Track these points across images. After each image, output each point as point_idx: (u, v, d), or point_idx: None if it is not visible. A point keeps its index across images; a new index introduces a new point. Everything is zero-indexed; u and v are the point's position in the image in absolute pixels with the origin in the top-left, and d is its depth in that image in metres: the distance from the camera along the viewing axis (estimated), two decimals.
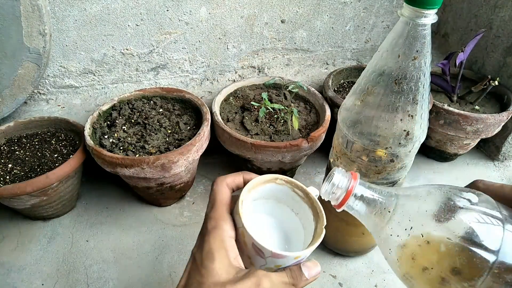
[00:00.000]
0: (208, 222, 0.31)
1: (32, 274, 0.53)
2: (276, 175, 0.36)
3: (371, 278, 0.54)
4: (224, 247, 0.29)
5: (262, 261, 0.31)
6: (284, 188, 0.36)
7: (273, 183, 0.36)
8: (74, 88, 0.67)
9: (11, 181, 0.54)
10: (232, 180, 0.35)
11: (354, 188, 0.32)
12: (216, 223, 0.31)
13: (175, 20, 0.64)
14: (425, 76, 0.38)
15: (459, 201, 0.29)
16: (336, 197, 0.33)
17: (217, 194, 0.33)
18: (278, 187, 0.36)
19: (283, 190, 0.36)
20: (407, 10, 0.35)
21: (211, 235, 0.30)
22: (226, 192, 0.34)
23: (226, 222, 0.31)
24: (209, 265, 0.28)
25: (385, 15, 0.80)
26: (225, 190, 0.34)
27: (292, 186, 0.36)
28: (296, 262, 0.32)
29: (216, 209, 0.32)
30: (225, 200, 0.33)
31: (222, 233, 0.30)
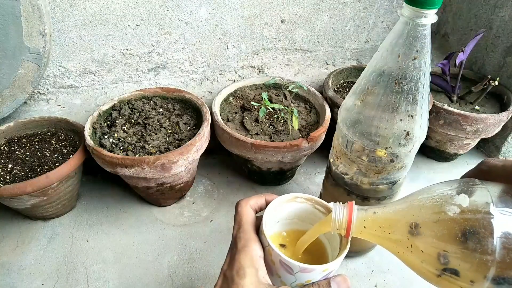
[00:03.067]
0: (237, 242, 0.33)
1: (32, 274, 0.53)
2: (296, 194, 0.37)
3: (371, 278, 0.54)
4: (254, 266, 0.31)
5: (291, 278, 0.32)
6: (304, 205, 0.37)
7: (293, 202, 0.37)
8: (74, 88, 0.67)
9: (11, 181, 0.54)
10: (255, 202, 0.36)
11: (352, 217, 0.33)
12: (246, 243, 0.32)
13: (175, 20, 0.64)
14: (425, 76, 0.38)
15: (449, 210, 0.28)
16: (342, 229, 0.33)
17: (242, 216, 0.35)
18: (299, 205, 0.37)
19: (304, 208, 0.37)
20: (407, 10, 0.35)
21: (241, 254, 0.31)
22: (251, 213, 0.35)
23: (255, 242, 0.32)
24: (240, 282, 0.30)
25: (385, 15, 0.80)
26: (249, 212, 0.35)
27: (313, 203, 0.37)
28: (325, 275, 0.32)
29: (244, 230, 0.33)
30: (251, 221, 0.34)
31: (252, 252, 0.31)
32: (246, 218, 0.34)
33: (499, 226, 0.26)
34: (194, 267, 0.55)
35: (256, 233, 0.34)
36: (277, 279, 0.33)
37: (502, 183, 0.29)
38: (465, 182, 0.30)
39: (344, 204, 0.34)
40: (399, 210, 0.32)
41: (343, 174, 0.47)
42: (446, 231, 0.27)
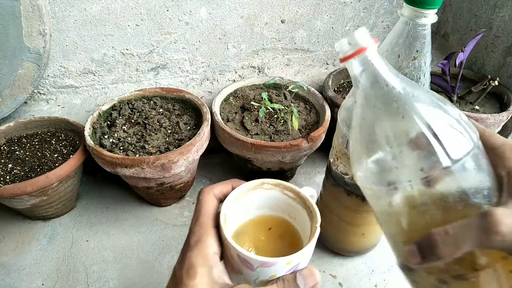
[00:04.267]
0: (191, 237, 0.29)
1: (32, 274, 0.53)
2: (262, 179, 0.33)
3: (371, 278, 0.54)
4: (207, 263, 0.27)
5: (253, 275, 0.29)
6: (273, 192, 0.34)
7: (260, 189, 0.34)
8: (74, 88, 0.67)
9: (11, 181, 0.54)
10: (219, 190, 0.33)
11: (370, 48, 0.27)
12: (199, 238, 0.29)
13: (175, 20, 0.64)
14: (425, 76, 0.38)
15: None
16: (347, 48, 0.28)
17: (202, 206, 0.31)
18: (267, 192, 0.34)
19: (273, 195, 0.34)
20: (407, 10, 0.35)
21: (193, 251, 0.28)
22: (213, 203, 0.32)
23: (210, 236, 0.29)
24: (189, 283, 0.26)
25: (385, 15, 0.80)
26: (211, 201, 0.32)
27: (281, 189, 0.34)
28: (290, 269, 0.29)
29: (200, 222, 0.30)
30: (211, 212, 0.31)
31: (205, 249, 0.28)
32: (205, 208, 0.31)
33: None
34: None
35: (215, 226, 0.31)
36: (239, 276, 0.30)
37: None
38: None
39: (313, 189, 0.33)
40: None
41: (343, 174, 0.47)
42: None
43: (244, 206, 0.34)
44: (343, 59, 0.28)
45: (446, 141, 0.26)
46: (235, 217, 0.34)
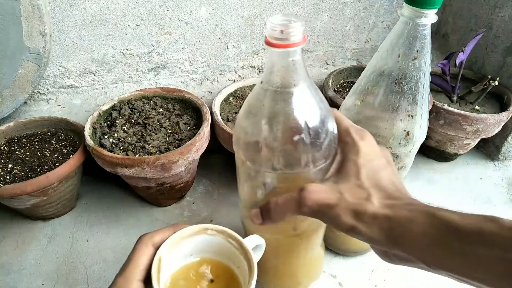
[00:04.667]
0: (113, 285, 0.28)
1: (32, 274, 0.53)
2: (206, 225, 0.33)
3: (371, 278, 0.54)
4: None
5: None
6: (217, 239, 0.33)
7: (204, 235, 0.33)
8: (74, 88, 0.67)
9: (11, 181, 0.54)
10: (160, 238, 0.31)
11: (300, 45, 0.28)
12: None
13: (175, 20, 0.64)
14: (425, 76, 0.38)
15: None
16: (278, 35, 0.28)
17: (133, 255, 0.29)
18: (211, 238, 0.33)
19: (217, 242, 0.33)
20: (407, 10, 0.35)
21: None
22: (148, 253, 0.30)
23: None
24: None
25: (385, 15, 0.80)
26: (146, 251, 0.30)
27: (225, 236, 0.33)
28: None
29: (125, 274, 0.28)
30: (142, 263, 0.29)
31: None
32: (136, 259, 0.29)
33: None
34: None
35: (143, 280, 0.29)
36: None
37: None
38: None
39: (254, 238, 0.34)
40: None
41: None
42: None
43: (184, 250, 0.33)
44: (270, 43, 0.28)
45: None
46: (173, 260, 0.32)
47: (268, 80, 0.31)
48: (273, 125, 0.31)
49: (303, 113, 0.31)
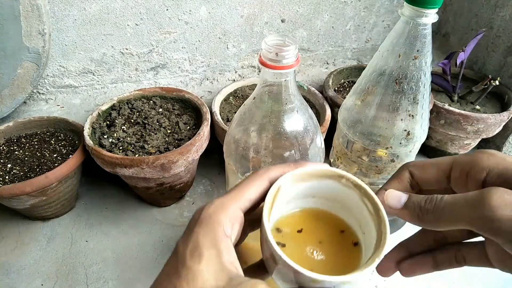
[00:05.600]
0: (202, 211, 0.23)
1: (31, 275, 0.53)
2: (341, 171, 0.27)
3: (371, 278, 0.54)
4: (216, 246, 0.22)
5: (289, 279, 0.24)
6: (350, 193, 0.27)
7: (335, 182, 0.27)
8: (74, 88, 0.66)
9: (11, 181, 0.54)
10: (280, 174, 0.26)
11: (293, 68, 0.29)
12: (212, 213, 0.23)
13: (174, 19, 0.64)
14: (426, 75, 0.38)
15: None
16: (273, 57, 0.28)
17: (241, 183, 0.25)
18: (343, 189, 0.27)
19: (348, 196, 0.27)
20: (408, 9, 0.35)
21: (202, 227, 0.22)
22: (260, 185, 0.25)
23: (226, 215, 0.23)
24: (194, 267, 0.21)
25: (386, 15, 0.80)
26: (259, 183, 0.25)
27: (362, 194, 0.27)
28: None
29: (222, 200, 0.24)
30: (248, 193, 0.24)
31: (216, 228, 0.22)
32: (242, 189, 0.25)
33: None
34: None
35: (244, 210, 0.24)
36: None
37: None
38: None
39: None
40: None
41: None
42: None
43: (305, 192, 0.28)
44: (265, 64, 0.29)
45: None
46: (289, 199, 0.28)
47: (261, 97, 0.31)
48: (263, 141, 0.32)
49: (293, 130, 0.31)
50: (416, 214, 0.24)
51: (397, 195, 0.26)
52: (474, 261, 0.27)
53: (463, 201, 0.22)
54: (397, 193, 0.26)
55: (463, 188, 0.25)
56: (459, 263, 0.28)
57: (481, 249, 0.27)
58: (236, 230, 0.24)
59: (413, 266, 0.29)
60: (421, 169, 0.27)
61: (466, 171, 0.25)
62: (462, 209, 0.22)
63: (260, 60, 0.29)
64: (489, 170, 0.24)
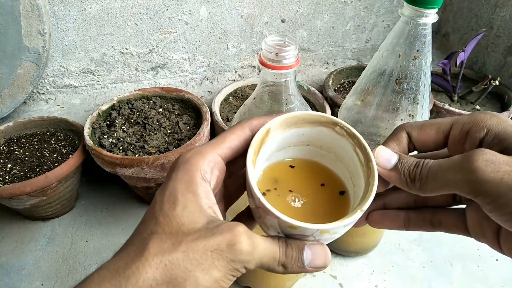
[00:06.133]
0: (182, 154, 0.23)
1: (31, 275, 0.53)
2: (334, 118, 0.26)
3: (371, 278, 0.54)
4: (193, 190, 0.21)
5: (271, 224, 0.23)
6: (343, 141, 0.26)
7: (328, 129, 0.26)
8: (74, 87, 0.66)
9: (11, 181, 0.54)
10: (261, 123, 0.25)
11: (292, 68, 0.28)
12: (191, 157, 0.22)
13: (174, 19, 0.64)
14: (426, 75, 0.38)
15: None
16: (273, 57, 0.27)
17: (221, 134, 0.24)
18: (336, 137, 0.26)
19: (341, 145, 0.26)
20: (408, 9, 0.35)
21: (179, 171, 0.22)
22: (242, 134, 0.24)
23: (204, 159, 0.22)
24: (171, 212, 0.21)
25: (386, 15, 0.80)
26: (240, 131, 0.24)
27: (354, 144, 0.25)
28: (319, 237, 0.23)
29: (200, 148, 0.23)
30: (229, 141, 0.24)
31: (192, 171, 0.22)
32: (224, 137, 0.24)
33: None
34: None
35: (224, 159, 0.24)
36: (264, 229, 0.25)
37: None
38: None
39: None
40: None
41: None
42: None
43: (294, 139, 0.27)
44: (265, 64, 0.29)
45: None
46: (276, 145, 0.26)
47: (261, 97, 0.31)
48: None
49: None
50: (404, 179, 0.24)
51: (387, 153, 0.25)
52: (450, 226, 0.27)
53: (448, 165, 0.22)
54: (388, 151, 0.25)
55: (459, 150, 0.24)
56: (433, 227, 0.27)
57: (459, 214, 0.26)
58: (216, 176, 0.23)
59: (383, 218, 0.28)
60: (419, 130, 0.26)
61: (466, 130, 0.24)
62: (447, 173, 0.22)
63: (260, 60, 0.29)
64: (489, 130, 0.23)
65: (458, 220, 0.26)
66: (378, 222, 0.28)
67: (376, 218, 0.28)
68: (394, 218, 0.28)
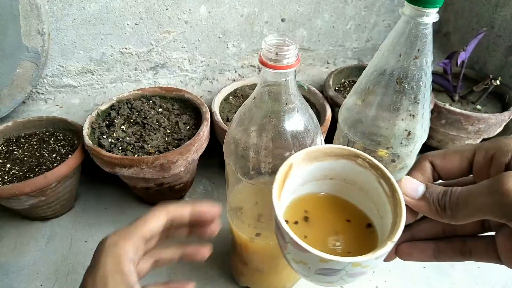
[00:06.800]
0: (109, 238, 0.26)
1: (30, 275, 0.53)
2: (356, 150, 0.26)
3: (372, 278, 0.54)
4: (121, 271, 0.24)
5: (299, 259, 0.23)
6: (366, 173, 0.26)
7: (350, 162, 0.27)
8: (73, 87, 0.66)
9: (10, 181, 0.53)
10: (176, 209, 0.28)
11: (293, 68, 0.28)
12: (118, 241, 0.25)
13: (174, 18, 0.64)
14: (427, 75, 0.37)
15: None
16: (273, 57, 0.28)
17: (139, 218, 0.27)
18: (358, 169, 0.26)
19: (364, 176, 0.26)
20: (409, 9, 0.35)
21: (108, 256, 0.25)
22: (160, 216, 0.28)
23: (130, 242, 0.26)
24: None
25: (386, 14, 0.79)
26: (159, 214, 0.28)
27: (378, 175, 0.26)
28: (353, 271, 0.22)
29: (129, 228, 0.26)
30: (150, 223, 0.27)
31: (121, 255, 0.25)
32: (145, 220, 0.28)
33: None
34: (194, 268, 0.55)
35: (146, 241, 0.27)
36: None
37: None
38: None
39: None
40: None
41: None
42: None
43: (315, 173, 0.27)
44: (265, 63, 0.28)
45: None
46: (298, 180, 0.27)
47: (261, 97, 0.31)
48: (263, 141, 0.31)
49: (294, 130, 0.31)
50: (434, 208, 0.24)
51: (414, 183, 0.25)
52: (480, 254, 0.26)
53: (478, 190, 0.22)
54: (414, 181, 0.25)
55: (485, 176, 0.24)
56: (464, 256, 0.27)
57: (489, 242, 0.26)
58: (138, 256, 0.27)
59: (412, 250, 0.27)
60: (443, 158, 0.26)
61: (491, 155, 0.24)
62: (478, 198, 0.22)
63: (260, 60, 0.29)
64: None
65: (489, 248, 0.26)
66: (407, 254, 0.28)
67: (405, 250, 0.28)
68: (424, 249, 0.27)
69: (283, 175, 0.25)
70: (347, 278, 0.23)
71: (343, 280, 0.23)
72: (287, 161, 0.25)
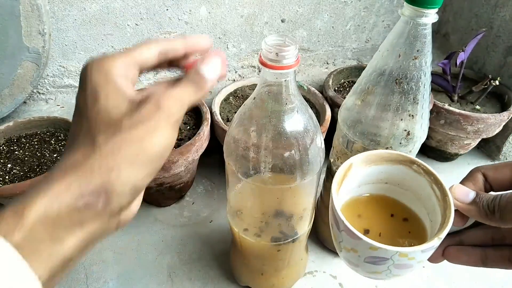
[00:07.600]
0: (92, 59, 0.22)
1: None
2: (412, 157, 0.28)
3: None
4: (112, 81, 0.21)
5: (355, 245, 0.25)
6: (420, 179, 0.28)
7: (406, 167, 0.28)
8: (74, 87, 0.66)
9: (11, 181, 0.54)
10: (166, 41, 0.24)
11: (293, 68, 0.28)
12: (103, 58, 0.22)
13: (174, 19, 0.64)
14: (426, 75, 0.38)
15: None
16: (273, 57, 0.28)
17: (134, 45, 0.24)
18: (413, 175, 0.28)
19: (418, 182, 0.28)
20: (408, 9, 0.35)
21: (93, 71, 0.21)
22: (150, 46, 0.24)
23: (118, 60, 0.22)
24: (93, 108, 0.20)
25: (386, 15, 0.80)
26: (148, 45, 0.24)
27: (431, 181, 0.27)
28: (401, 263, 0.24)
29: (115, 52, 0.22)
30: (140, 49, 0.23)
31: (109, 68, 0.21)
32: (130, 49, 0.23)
33: None
34: (194, 268, 0.55)
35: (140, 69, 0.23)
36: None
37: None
38: None
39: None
40: None
41: None
42: None
43: (372, 175, 0.29)
44: (265, 64, 0.29)
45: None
46: (356, 181, 0.28)
47: (261, 97, 0.31)
48: (263, 141, 0.32)
49: (294, 130, 0.31)
50: (483, 211, 0.25)
51: (465, 189, 0.26)
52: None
53: None
54: (465, 188, 0.27)
55: None
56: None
57: None
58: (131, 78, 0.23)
59: (460, 253, 0.28)
60: (495, 170, 0.27)
61: None
62: None
63: (260, 60, 0.29)
64: None
65: None
66: (454, 257, 0.29)
67: (453, 253, 0.29)
68: (471, 254, 0.28)
69: (342, 173, 0.27)
70: (394, 270, 0.25)
71: (390, 271, 0.25)
72: (347, 161, 0.27)
